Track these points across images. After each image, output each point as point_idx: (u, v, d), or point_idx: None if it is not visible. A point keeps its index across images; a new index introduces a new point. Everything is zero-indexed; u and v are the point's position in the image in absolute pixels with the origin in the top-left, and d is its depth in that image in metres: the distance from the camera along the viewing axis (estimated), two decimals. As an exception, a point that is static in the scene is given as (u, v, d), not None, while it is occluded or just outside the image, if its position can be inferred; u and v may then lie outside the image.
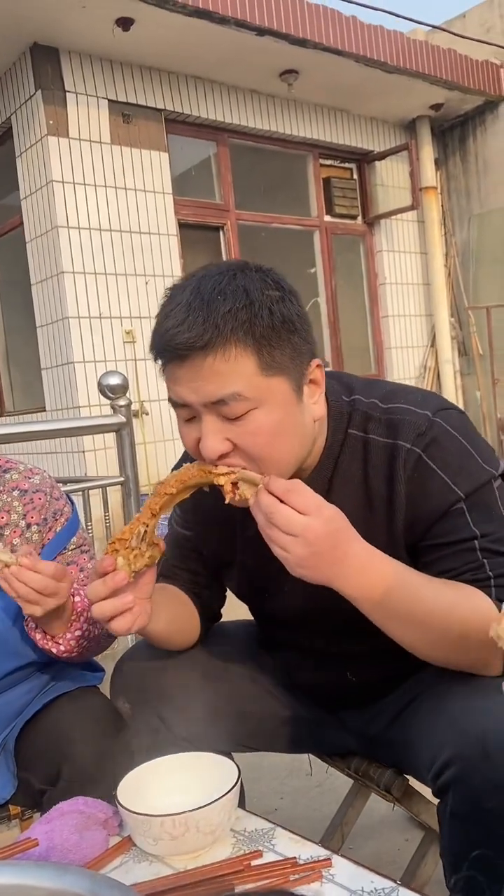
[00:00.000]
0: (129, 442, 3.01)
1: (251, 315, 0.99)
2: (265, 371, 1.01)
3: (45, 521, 1.40)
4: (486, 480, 1.08)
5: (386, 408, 1.13)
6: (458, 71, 6.70)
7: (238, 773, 1.07)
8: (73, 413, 5.33)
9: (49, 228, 5.33)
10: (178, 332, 0.99)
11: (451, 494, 1.06)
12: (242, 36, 5.33)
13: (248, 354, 1.00)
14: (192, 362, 1.00)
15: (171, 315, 1.02)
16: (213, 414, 1.02)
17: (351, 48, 5.84)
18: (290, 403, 1.04)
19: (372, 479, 1.12)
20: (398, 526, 1.10)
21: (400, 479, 1.08)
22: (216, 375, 0.99)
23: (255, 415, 1.01)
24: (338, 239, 7.14)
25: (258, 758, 2.19)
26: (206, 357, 0.99)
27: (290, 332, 1.03)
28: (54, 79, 5.23)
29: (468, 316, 7.47)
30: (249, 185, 6.50)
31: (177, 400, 1.05)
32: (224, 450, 1.03)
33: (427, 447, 1.07)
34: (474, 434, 1.12)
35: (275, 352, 1.01)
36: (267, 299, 1.01)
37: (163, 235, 5.77)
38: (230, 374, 0.99)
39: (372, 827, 1.91)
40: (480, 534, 1.06)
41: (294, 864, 0.97)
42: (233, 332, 0.98)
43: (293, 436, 1.06)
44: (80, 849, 1.02)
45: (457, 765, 0.97)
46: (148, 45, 5.30)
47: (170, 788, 1.10)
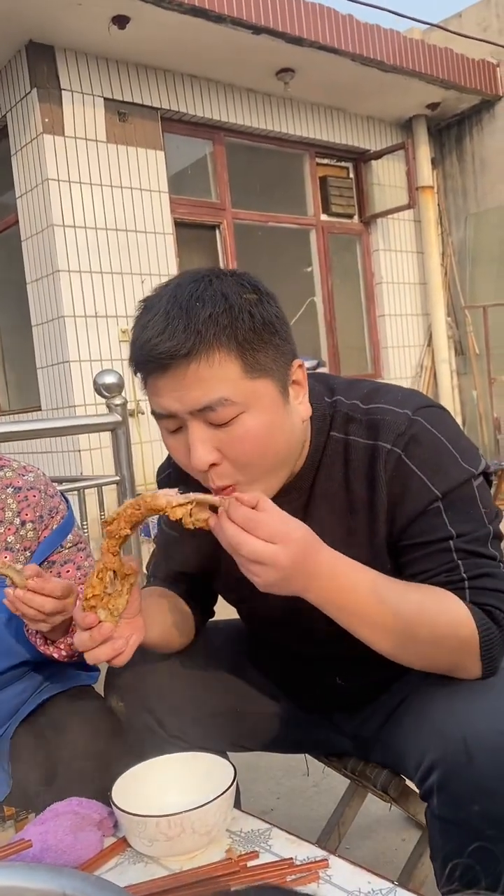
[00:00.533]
0: (125, 441, 3.00)
1: (232, 319, 0.97)
2: (250, 374, 0.99)
3: (40, 519, 1.39)
4: (465, 479, 1.06)
5: (366, 408, 1.11)
6: (454, 70, 6.70)
7: (234, 773, 1.06)
8: (68, 412, 5.31)
9: (44, 227, 5.31)
10: (159, 342, 0.97)
11: (429, 493, 1.05)
12: (238, 34, 5.32)
13: (232, 358, 0.98)
14: (176, 371, 0.98)
15: (150, 325, 0.99)
16: (200, 422, 1.00)
17: (347, 47, 5.83)
18: (277, 405, 1.03)
19: (353, 481, 1.10)
20: (380, 528, 1.09)
21: (381, 481, 1.07)
22: (201, 382, 0.97)
23: (243, 419, 1.00)
24: (334, 238, 7.13)
25: (255, 758, 2.19)
26: (190, 364, 0.97)
27: (272, 334, 1.02)
28: (50, 77, 5.22)
29: (465, 315, 7.47)
30: (246, 183, 6.49)
31: (161, 412, 1.03)
32: (213, 459, 1.01)
33: (406, 447, 1.06)
34: (455, 431, 1.10)
35: (258, 354, 1.00)
36: (245, 303, 0.99)
37: (159, 234, 5.76)
38: (215, 379, 0.97)
39: (369, 827, 1.90)
40: (456, 533, 1.04)
41: (291, 865, 0.96)
42: (215, 337, 0.96)
43: (282, 438, 1.04)
44: (74, 850, 1.01)
45: (441, 768, 0.96)
46: (144, 44, 5.29)
47: (165, 789, 1.09)
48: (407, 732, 1.10)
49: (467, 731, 0.95)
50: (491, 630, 1.02)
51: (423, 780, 0.99)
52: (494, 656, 1.03)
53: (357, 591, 0.99)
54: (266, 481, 1.06)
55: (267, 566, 0.93)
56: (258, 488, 1.04)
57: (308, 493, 1.14)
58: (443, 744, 0.96)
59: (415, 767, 1.02)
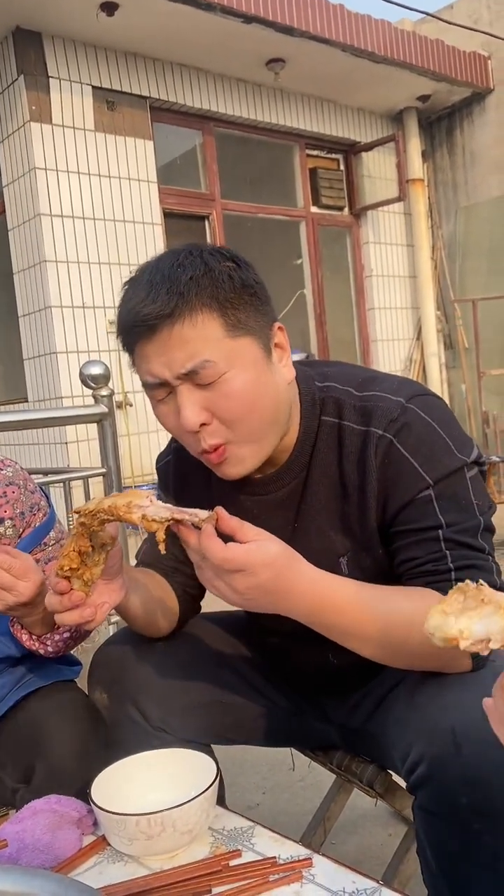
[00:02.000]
0: (112, 433, 2.97)
1: (212, 280, 1.01)
2: (232, 332, 1.03)
3: (21, 515, 1.35)
4: (457, 468, 1.06)
5: (361, 395, 1.12)
6: (445, 62, 6.67)
7: (217, 769, 1.04)
8: (55, 403, 5.27)
9: (32, 216, 5.26)
10: (143, 306, 1.01)
11: (420, 481, 1.05)
12: (229, 23, 5.27)
13: (214, 318, 1.02)
14: (161, 334, 1.02)
15: (134, 295, 1.04)
16: (188, 384, 1.03)
17: (338, 37, 5.79)
18: (260, 363, 1.06)
19: (346, 466, 1.11)
20: (371, 513, 1.09)
21: (372, 467, 1.08)
22: (185, 343, 1.01)
23: (228, 378, 1.02)
24: (324, 230, 7.10)
25: (241, 752, 2.17)
26: (174, 325, 1.01)
27: (251, 296, 1.05)
28: (37, 64, 5.15)
29: (454, 309, 7.46)
30: (235, 174, 6.45)
31: (150, 379, 1.06)
32: (203, 419, 1.04)
33: (398, 433, 1.07)
34: (449, 420, 1.10)
35: (239, 313, 1.03)
36: (225, 268, 1.04)
37: (147, 224, 5.71)
38: (198, 339, 1.01)
39: (355, 822, 1.89)
40: (446, 523, 1.04)
41: (273, 864, 0.95)
42: (197, 297, 1.00)
43: (267, 397, 1.06)
44: (52, 849, 0.99)
45: (428, 761, 0.95)
46: (133, 31, 5.23)
47: (146, 786, 1.07)
48: (395, 724, 1.09)
49: (455, 723, 0.93)
50: None
51: (411, 773, 0.98)
52: None
53: (342, 605, 0.99)
54: (257, 441, 1.08)
55: (236, 595, 0.95)
56: (250, 448, 1.07)
57: (304, 478, 1.15)
58: (430, 736, 0.95)
59: (402, 759, 1.01)
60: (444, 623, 0.68)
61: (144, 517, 0.93)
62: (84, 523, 0.98)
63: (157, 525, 0.93)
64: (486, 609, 0.67)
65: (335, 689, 1.32)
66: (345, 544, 1.14)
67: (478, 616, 0.67)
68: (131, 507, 0.94)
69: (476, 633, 0.67)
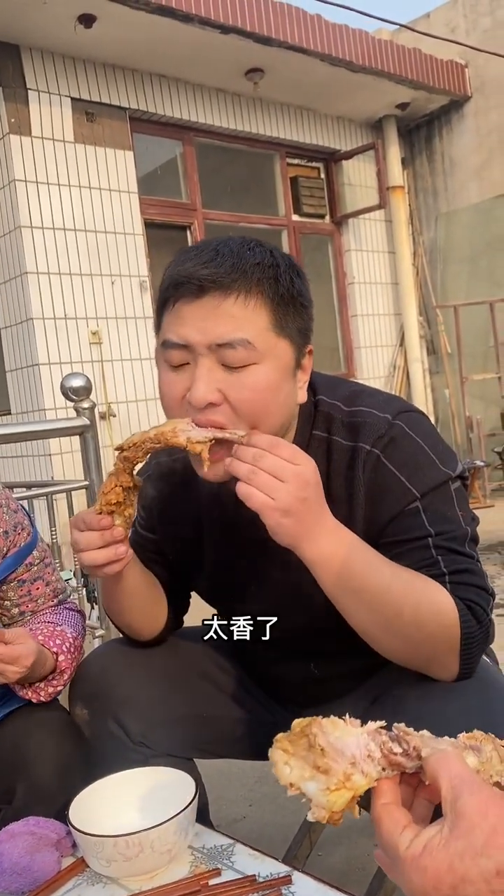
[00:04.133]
0: (94, 445, 2.96)
1: (276, 274, 1.02)
2: (276, 329, 1.02)
3: (5, 535, 1.35)
4: (442, 481, 1.08)
5: (349, 410, 1.13)
6: (423, 70, 6.72)
7: (196, 787, 1.03)
8: (38, 415, 5.24)
9: (12, 228, 5.24)
10: (204, 267, 1.00)
11: (408, 494, 1.06)
12: (207, 34, 5.29)
13: (266, 308, 1.01)
14: (209, 301, 1.00)
15: (197, 256, 1.02)
16: (213, 359, 1.00)
17: (316, 47, 5.83)
18: (287, 371, 1.05)
19: (334, 479, 1.12)
20: (358, 525, 1.10)
21: (359, 481, 1.09)
22: (231, 318, 0.99)
23: (256, 369, 1.01)
24: (306, 238, 7.13)
25: (227, 764, 2.16)
26: (227, 298, 0.99)
27: (302, 307, 1.06)
28: (15, 76, 5.15)
29: (436, 314, 7.50)
30: (216, 184, 6.46)
31: (176, 340, 1.02)
32: (213, 399, 1.00)
33: (385, 448, 1.08)
34: (434, 436, 1.12)
35: (287, 317, 1.04)
36: (290, 269, 1.05)
37: (129, 235, 5.70)
38: (245, 319, 1.00)
39: (341, 834, 1.89)
40: (435, 532, 1.05)
41: (252, 882, 0.94)
42: (258, 283, 1.00)
43: (281, 405, 1.05)
44: (30, 872, 0.98)
45: None
46: (111, 43, 5.24)
47: (125, 805, 1.06)
48: None
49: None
50: (472, 626, 1.02)
51: None
52: (473, 654, 1.03)
53: (351, 557, 0.99)
54: None
55: (287, 483, 0.94)
56: None
57: None
58: None
59: None
60: (281, 766, 0.70)
61: (189, 439, 0.97)
62: (128, 457, 1.01)
63: (200, 446, 0.97)
64: (317, 771, 0.68)
65: (317, 700, 1.32)
66: None
67: (310, 776, 0.68)
68: (176, 432, 0.98)
69: (307, 792, 0.69)
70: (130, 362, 5.59)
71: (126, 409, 5.46)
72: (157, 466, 1.31)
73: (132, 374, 5.59)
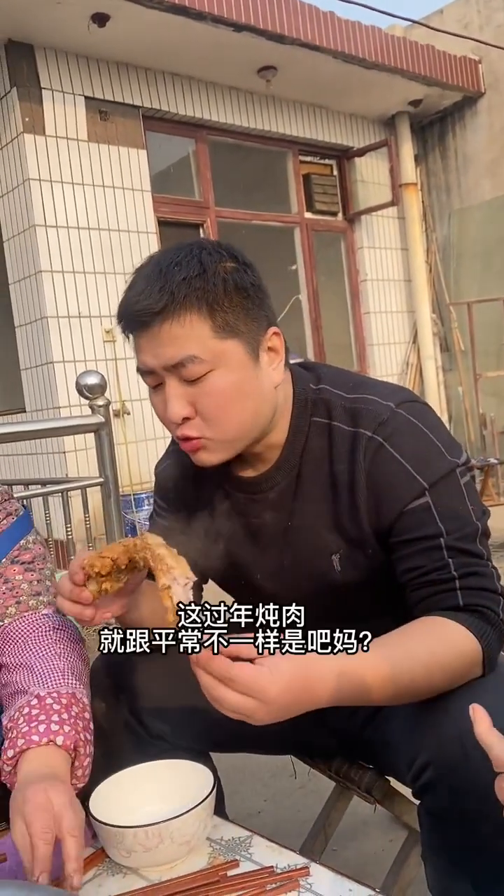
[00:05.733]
0: (109, 442, 2.98)
1: (204, 282, 1.04)
2: (219, 334, 1.05)
3: None
4: (449, 470, 1.08)
5: (351, 398, 1.15)
6: (436, 67, 6.70)
7: (214, 780, 1.04)
8: (53, 413, 5.27)
9: (26, 227, 5.27)
10: (137, 301, 1.06)
11: (415, 484, 1.06)
12: (220, 32, 5.30)
13: (202, 319, 1.04)
14: (151, 329, 1.05)
15: (133, 287, 1.09)
16: (175, 378, 1.07)
17: (329, 44, 5.82)
18: (245, 367, 1.08)
19: (336, 465, 1.13)
20: (362, 514, 1.11)
21: (360, 467, 1.10)
22: (173, 340, 1.05)
23: (213, 377, 1.06)
24: (318, 236, 7.12)
25: (242, 760, 2.17)
26: (164, 323, 1.04)
27: (244, 298, 1.07)
28: (30, 76, 5.18)
29: (450, 312, 7.48)
30: (229, 182, 6.47)
31: (143, 367, 1.10)
32: (186, 413, 1.08)
33: (389, 436, 1.09)
34: (438, 425, 1.13)
35: (228, 316, 1.06)
36: (221, 269, 1.06)
37: (142, 233, 5.72)
38: (186, 338, 1.04)
39: (356, 828, 1.90)
40: (446, 530, 1.05)
41: (271, 874, 0.95)
42: (186, 298, 1.03)
43: (250, 399, 1.09)
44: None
45: (436, 766, 0.95)
46: (124, 42, 5.26)
47: (144, 797, 1.07)
48: (399, 730, 1.10)
49: (463, 728, 0.93)
50: (488, 634, 1.02)
51: (417, 778, 0.99)
52: (493, 657, 1.04)
53: (369, 687, 0.95)
54: (230, 441, 1.11)
55: (249, 718, 0.89)
56: (223, 445, 1.11)
57: (296, 477, 1.17)
58: (438, 741, 0.95)
59: (408, 765, 1.01)
60: None
61: (169, 588, 0.92)
62: (137, 543, 1.00)
63: (170, 604, 0.91)
64: None
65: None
66: (337, 542, 1.15)
67: None
68: (168, 572, 0.93)
69: None
70: (144, 360, 5.60)
71: (140, 406, 5.47)
72: (175, 453, 1.33)
73: (145, 371, 5.60)
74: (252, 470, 1.21)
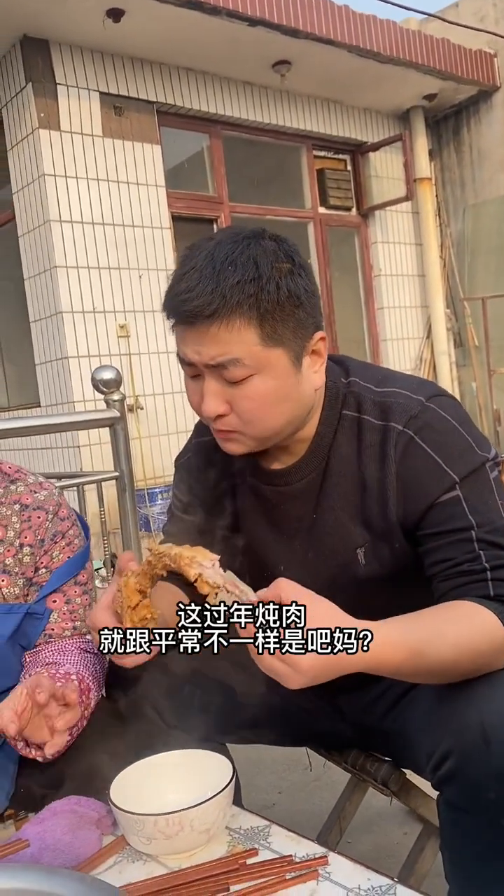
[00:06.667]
0: (124, 436, 2.99)
1: (258, 289, 1.02)
2: (266, 343, 1.04)
3: (40, 543, 1.28)
4: (480, 464, 1.08)
5: (380, 391, 1.15)
6: (451, 60, 6.66)
7: (233, 770, 1.05)
8: (67, 408, 5.30)
9: (41, 223, 5.29)
10: (188, 298, 1.03)
11: (446, 477, 1.07)
12: (234, 26, 5.29)
13: (252, 326, 1.03)
14: (198, 328, 1.04)
15: (184, 279, 1.05)
16: (215, 376, 1.07)
17: (343, 38, 5.80)
18: (287, 374, 1.08)
19: (365, 459, 1.14)
20: (391, 507, 1.11)
21: (391, 461, 1.10)
22: (219, 342, 1.04)
23: (254, 381, 1.06)
24: (332, 231, 7.11)
25: (257, 752, 2.19)
26: (212, 325, 1.03)
27: (295, 307, 1.06)
28: (45, 71, 5.19)
29: (464, 307, 7.45)
30: (243, 177, 6.46)
31: (184, 358, 1.10)
32: (221, 411, 1.08)
33: (420, 430, 1.09)
34: (467, 420, 1.13)
35: (277, 325, 1.05)
36: (276, 272, 1.04)
37: (156, 229, 5.73)
38: (232, 342, 1.03)
39: (370, 820, 1.90)
40: (476, 523, 1.05)
41: (290, 863, 0.96)
42: (238, 304, 1.02)
43: (286, 404, 1.10)
44: (72, 849, 1.01)
45: (457, 756, 0.95)
46: (139, 37, 5.26)
47: (164, 786, 1.08)
48: (418, 721, 1.10)
49: (485, 718, 0.94)
50: None
51: (437, 768, 0.98)
52: None
53: (398, 664, 0.95)
54: (264, 439, 1.13)
55: (283, 681, 0.91)
56: (255, 441, 1.12)
57: (323, 470, 1.18)
58: (459, 731, 0.95)
59: (427, 756, 1.01)
60: None
61: (201, 576, 0.93)
62: (150, 562, 0.98)
63: (208, 588, 0.93)
64: None
65: (351, 686, 1.33)
66: (363, 536, 1.16)
67: None
68: (192, 562, 0.94)
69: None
70: (157, 355, 5.62)
71: (153, 401, 5.50)
72: (197, 445, 1.33)
73: (159, 367, 5.63)
74: (278, 462, 1.21)
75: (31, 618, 1.28)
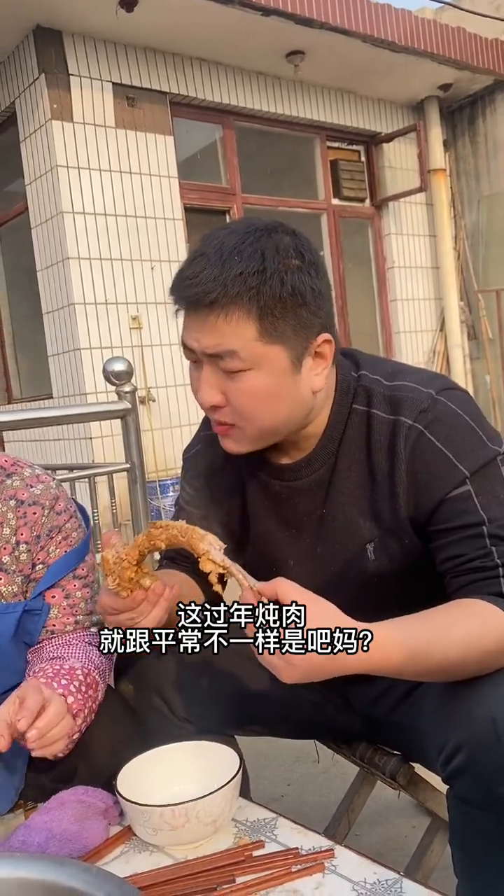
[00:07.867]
0: (135, 428, 2.99)
1: (260, 282, 1.01)
2: (264, 338, 1.03)
3: (36, 539, 1.25)
4: (491, 458, 1.07)
5: (390, 385, 1.14)
6: (466, 50, 6.59)
7: (240, 761, 1.05)
8: (79, 400, 5.31)
9: (54, 214, 5.30)
10: (190, 284, 1.03)
11: (456, 472, 1.06)
12: (248, 16, 5.26)
13: (251, 320, 1.02)
14: (199, 314, 1.04)
15: (192, 265, 1.05)
16: (212, 365, 1.06)
17: (358, 28, 5.75)
18: (283, 373, 1.06)
19: (374, 453, 1.13)
20: (401, 503, 1.10)
21: (401, 456, 1.09)
22: (217, 333, 1.03)
23: (249, 375, 1.05)
24: (345, 222, 7.07)
25: (265, 744, 2.19)
26: (211, 313, 1.02)
27: (298, 305, 1.04)
28: (58, 62, 5.18)
29: (478, 299, 7.40)
30: (256, 168, 6.44)
31: (185, 343, 1.10)
32: (216, 402, 1.08)
33: (430, 424, 1.08)
34: (478, 414, 1.12)
35: (277, 322, 1.03)
36: (282, 267, 1.02)
37: (168, 220, 5.72)
38: (229, 334, 1.02)
39: (379, 813, 1.90)
40: (488, 519, 1.04)
41: (296, 855, 0.96)
42: (238, 296, 1.00)
43: (281, 403, 1.08)
44: (79, 839, 1.01)
45: (467, 750, 0.95)
46: (152, 27, 5.24)
47: (171, 777, 1.08)
48: (430, 714, 1.09)
49: (496, 712, 0.93)
50: None
51: (448, 762, 0.98)
52: None
53: (396, 659, 0.95)
54: (259, 437, 1.12)
55: (277, 673, 0.93)
56: (251, 439, 1.11)
57: (332, 464, 1.17)
58: (470, 725, 0.95)
59: (438, 749, 1.01)
60: None
61: (208, 552, 0.94)
62: (151, 533, 0.98)
63: (211, 566, 0.94)
64: None
65: (361, 678, 1.33)
66: (373, 531, 1.15)
67: None
68: (204, 539, 0.95)
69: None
70: (170, 347, 5.62)
71: (165, 393, 5.50)
72: (205, 437, 1.33)
73: (171, 359, 5.63)
74: (287, 457, 1.21)
75: (30, 614, 1.27)
